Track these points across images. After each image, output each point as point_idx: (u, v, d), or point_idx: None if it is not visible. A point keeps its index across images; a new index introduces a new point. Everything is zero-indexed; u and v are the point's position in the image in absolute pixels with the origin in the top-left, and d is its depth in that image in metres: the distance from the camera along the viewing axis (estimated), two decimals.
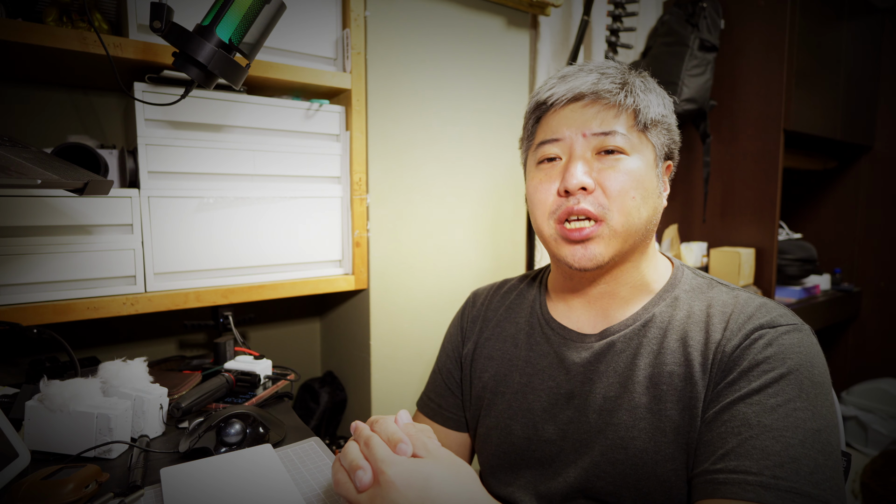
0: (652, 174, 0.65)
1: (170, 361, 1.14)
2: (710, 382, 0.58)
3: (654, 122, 0.65)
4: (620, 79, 0.65)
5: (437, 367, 0.87)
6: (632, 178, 0.62)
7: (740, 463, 0.51)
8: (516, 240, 1.52)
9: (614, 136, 0.63)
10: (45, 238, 0.89)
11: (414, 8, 1.27)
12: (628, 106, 0.63)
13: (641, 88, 0.65)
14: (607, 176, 0.62)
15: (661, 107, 0.66)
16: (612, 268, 0.67)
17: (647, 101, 0.64)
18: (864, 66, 2.27)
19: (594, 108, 0.64)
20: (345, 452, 0.47)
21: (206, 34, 0.73)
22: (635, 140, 0.64)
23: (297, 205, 1.15)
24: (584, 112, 0.64)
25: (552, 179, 0.66)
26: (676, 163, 0.71)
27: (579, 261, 0.64)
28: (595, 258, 0.63)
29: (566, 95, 0.65)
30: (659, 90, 0.68)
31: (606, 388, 0.65)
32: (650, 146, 0.65)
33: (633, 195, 0.62)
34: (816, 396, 0.54)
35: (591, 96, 0.64)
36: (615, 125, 0.63)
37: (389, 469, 0.43)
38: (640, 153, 0.64)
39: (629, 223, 0.63)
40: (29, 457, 0.66)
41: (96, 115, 1.14)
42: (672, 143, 0.69)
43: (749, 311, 0.60)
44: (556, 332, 0.72)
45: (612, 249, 0.63)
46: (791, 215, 2.59)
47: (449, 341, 0.87)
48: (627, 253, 0.66)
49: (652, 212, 0.65)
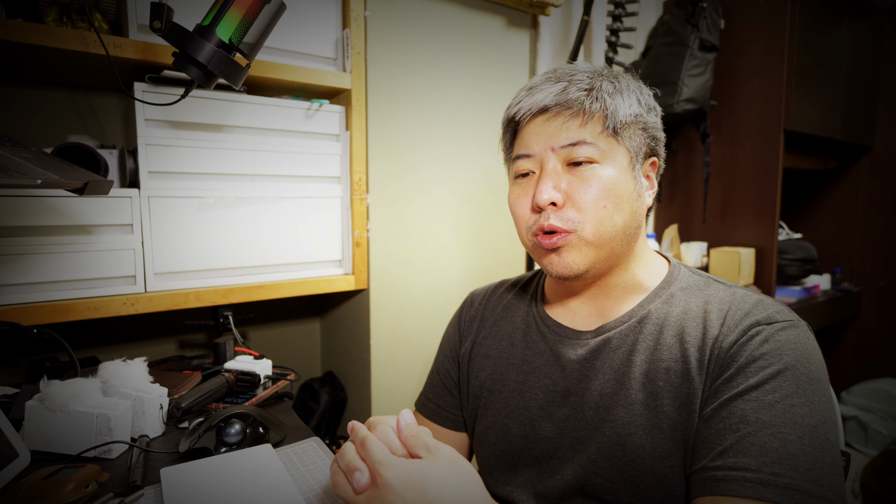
0: (627, 178, 0.64)
1: (170, 361, 1.14)
2: (707, 378, 0.58)
3: (624, 124, 0.64)
4: (588, 84, 0.64)
5: (435, 367, 0.87)
6: (602, 187, 0.62)
7: (739, 460, 0.51)
8: (516, 240, 1.52)
9: (581, 146, 0.62)
10: (45, 238, 0.89)
11: (414, 8, 1.27)
12: (594, 112, 0.63)
13: (609, 91, 0.64)
14: (577, 189, 0.63)
15: (635, 106, 0.65)
16: (598, 275, 0.68)
17: (615, 105, 0.63)
18: (864, 66, 2.27)
19: (559, 120, 0.64)
20: (342, 454, 0.47)
21: (206, 34, 0.73)
22: (605, 146, 0.63)
23: (297, 205, 1.15)
24: (550, 125, 0.64)
25: (527, 194, 0.66)
26: (663, 158, 0.71)
27: (556, 269, 0.65)
28: (570, 266, 0.64)
29: (531, 110, 0.65)
30: (634, 88, 0.66)
31: (603, 385, 0.65)
32: (623, 149, 0.64)
33: (604, 204, 0.62)
34: (814, 392, 0.54)
35: (555, 108, 0.64)
36: (582, 134, 0.63)
37: (387, 471, 0.42)
38: (611, 159, 0.63)
39: (601, 232, 0.63)
40: (29, 457, 0.66)
41: (96, 115, 1.15)
42: (651, 140, 0.68)
43: (746, 308, 0.60)
44: (551, 329, 0.72)
45: (588, 258, 0.64)
46: (791, 215, 2.59)
47: (447, 341, 0.87)
48: (608, 260, 0.65)
49: (629, 216, 0.65)
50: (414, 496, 0.41)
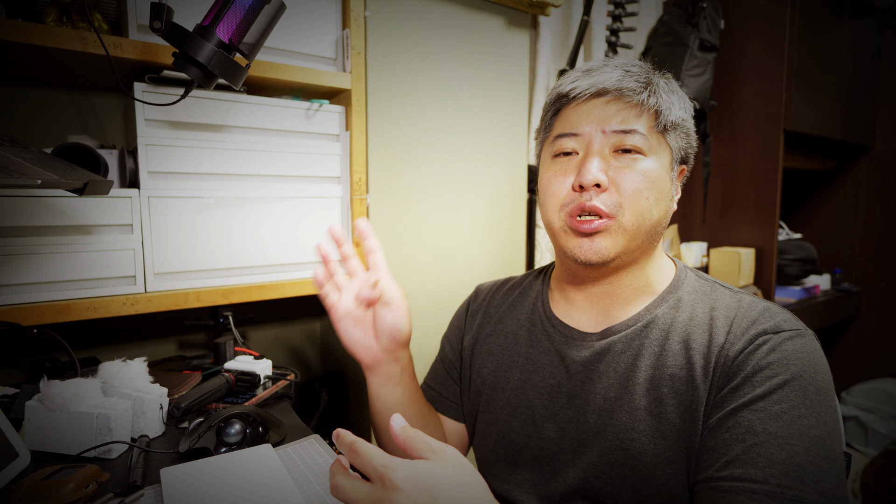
0: (667, 177, 0.65)
1: (170, 361, 1.14)
2: (712, 387, 0.58)
3: (674, 124, 0.64)
4: (645, 78, 0.64)
5: (440, 355, 0.88)
6: (647, 178, 0.62)
7: (745, 471, 0.51)
8: (516, 240, 1.52)
9: (633, 135, 0.62)
10: (45, 238, 0.89)
11: (414, 8, 1.27)
12: (650, 106, 0.63)
13: (665, 90, 0.64)
14: (623, 175, 0.62)
15: (683, 110, 0.65)
16: (616, 269, 0.67)
17: (670, 103, 0.64)
18: (864, 66, 2.27)
19: (616, 106, 0.63)
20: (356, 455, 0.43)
21: (206, 34, 0.73)
22: (654, 141, 0.63)
23: (297, 205, 1.15)
24: (606, 108, 0.63)
25: (567, 173, 0.65)
26: (691, 168, 0.71)
27: (585, 253, 0.63)
28: (600, 252, 0.62)
29: (589, 90, 0.64)
30: (681, 93, 0.67)
31: (606, 389, 0.65)
32: (668, 148, 0.65)
33: (647, 196, 0.62)
34: (820, 403, 0.53)
35: (614, 93, 0.63)
36: (635, 124, 0.62)
37: (395, 473, 0.40)
38: (657, 155, 0.63)
39: (639, 222, 0.62)
40: (29, 457, 0.66)
41: (96, 115, 1.14)
42: (689, 147, 0.68)
43: (753, 316, 0.60)
44: (557, 329, 0.72)
45: (619, 246, 0.63)
46: (791, 215, 2.59)
47: (452, 332, 0.87)
48: (633, 253, 0.65)
49: (663, 214, 0.65)
50: (425, 499, 0.40)
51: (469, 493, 0.43)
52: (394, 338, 0.69)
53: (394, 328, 0.69)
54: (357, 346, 0.71)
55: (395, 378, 0.73)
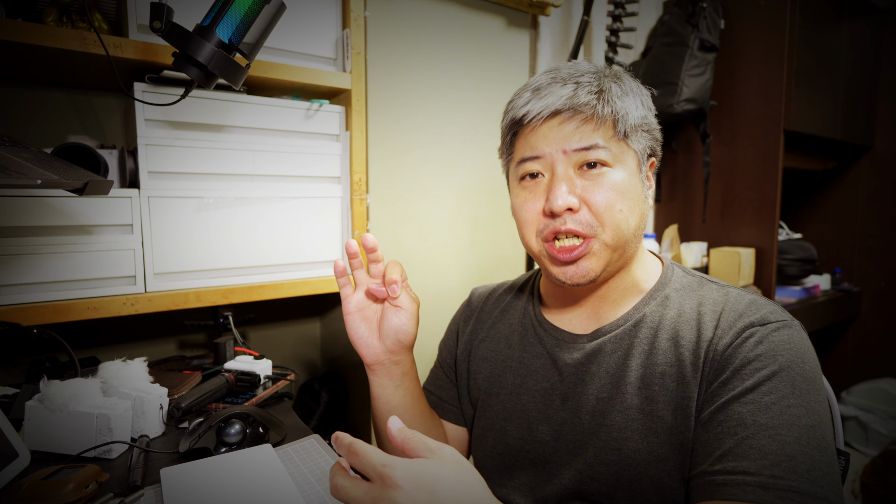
0: (636, 181, 0.64)
1: (170, 361, 1.14)
2: (702, 382, 0.58)
3: (634, 127, 0.63)
4: (597, 86, 0.63)
5: (439, 360, 0.88)
6: (617, 191, 0.62)
7: (738, 463, 0.51)
8: (516, 240, 1.52)
9: (595, 150, 0.61)
10: (45, 238, 0.89)
11: (414, 8, 1.27)
12: (606, 117, 0.62)
13: (618, 94, 0.63)
14: (592, 192, 0.61)
15: (640, 108, 0.64)
16: (605, 278, 0.67)
17: (626, 108, 0.63)
18: (864, 66, 2.27)
19: (573, 123, 0.62)
20: (355, 456, 0.43)
21: (206, 34, 0.73)
22: (617, 150, 0.63)
23: (297, 205, 1.15)
24: (563, 128, 0.62)
25: (537, 198, 0.64)
26: (660, 157, 0.70)
27: (571, 278, 0.63)
28: (587, 274, 0.63)
29: (542, 113, 0.63)
30: (636, 90, 0.66)
31: (598, 390, 0.65)
32: (632, 153, 0.64)
33: (621, 208, 0.62)
34: (809, 392, 0.54)
35: (567, 112, 0.62)
36: (595, 138, 0.62)
37: (394, 471, 0.40)
38: (622, 163, 0.63)
39: (619, 235, 0.62)
40: (29, 457, 0.66)
41: (96, 115, 1.14)
42: (654, 141, 0.67)
43: (740, 309, 0.60)
44: (548, 332, 0.72)
45: (603, 262, 0.63)
46: (791, 215, 2.59)
47: (449, 336, 0.88)
48: (618, 262, 0.65)
49: (640, 219, 0.65)
50: (425, 497, 0.40)
51: (468, 489, 0.43)
52: (398, 340, 0.70)
53: (399, 330, 0.69)
54: (361, 343, 0.71)
55: (396, 379, 0.73)
